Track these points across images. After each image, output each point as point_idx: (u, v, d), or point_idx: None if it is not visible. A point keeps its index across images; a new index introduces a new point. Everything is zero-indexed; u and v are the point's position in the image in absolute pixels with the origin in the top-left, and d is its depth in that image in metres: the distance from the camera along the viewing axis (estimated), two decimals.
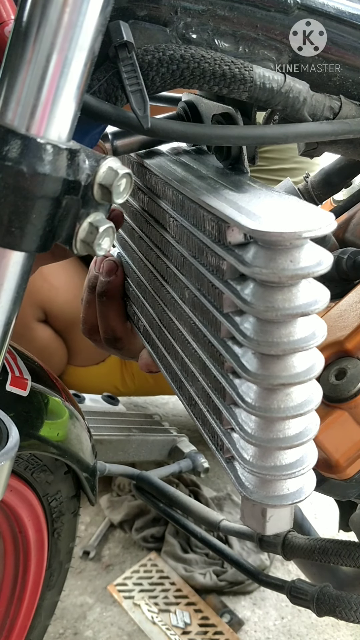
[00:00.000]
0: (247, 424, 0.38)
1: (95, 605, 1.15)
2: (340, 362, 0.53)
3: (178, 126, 0.41)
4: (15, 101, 0.31)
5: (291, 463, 0.38)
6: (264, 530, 0.40)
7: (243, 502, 0.42)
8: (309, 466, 0.38)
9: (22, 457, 0.60)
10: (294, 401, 0.36)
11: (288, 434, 0.37)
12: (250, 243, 0.35)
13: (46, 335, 1.38)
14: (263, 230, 0.32)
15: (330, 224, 0.32)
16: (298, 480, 0.39)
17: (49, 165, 0.31)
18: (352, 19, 0.44)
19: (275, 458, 0.38)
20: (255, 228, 0.32)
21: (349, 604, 0.67)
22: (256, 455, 0.38)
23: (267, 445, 0.37)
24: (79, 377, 1.47)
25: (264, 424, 0.37)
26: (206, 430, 0.47)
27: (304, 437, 0.37)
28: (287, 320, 0.35)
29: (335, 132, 0.44)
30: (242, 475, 0.41)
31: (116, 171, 0.34)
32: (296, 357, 0.36)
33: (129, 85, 0.39)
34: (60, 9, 0.30)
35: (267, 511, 0.40)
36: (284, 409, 0.36)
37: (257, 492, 0.39)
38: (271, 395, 0.36)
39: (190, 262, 0.44)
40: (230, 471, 0.42)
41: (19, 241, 0.32)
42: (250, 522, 0.41)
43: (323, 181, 0.66)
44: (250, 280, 0.36)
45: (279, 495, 0.38)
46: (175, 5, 0.41)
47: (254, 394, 0.37)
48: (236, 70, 0.41)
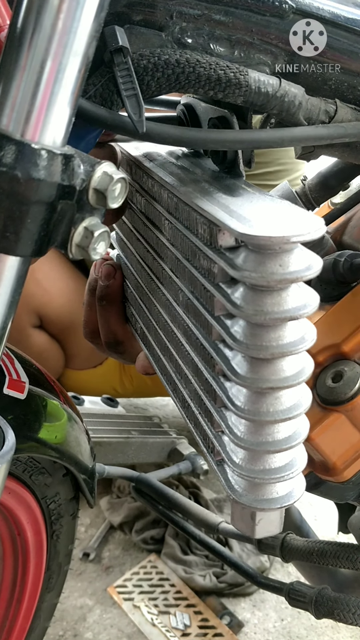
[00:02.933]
0: (237, 427, 0.38)
1: (95, 607, 1.16)
2: (337, 364, 0.53)
3: (173, 130, 0.41)
4: (10, 107, 0.31)
5: (280, 467, 0.38)
6: (254, 533, 0.40)
7: (233, 505, 0.42)
8: (299, 470, 0.38)
9: (21, 460, 0.60)
10: (283, 405, 0.36)
11: (277, 437, 0.37)
12: (240, 247, 0.36)
13: (42, 341, 1.38)
14: (252, 234, 0.32)
15: (319, 229, 0.32)
16: (287, 483, 0.39)
17: (44, 170, 0.32)
18: (347, 22, 0.44)
19: (264, 461, 0.38)
20: (244, 232, 0.32)
21: (347, 606, 0.67)
22: (246, 459, 0.38)
23: (257, 448, 0.37)
24: (77, 381, 1.48)
25: (253, 427, 0.37)
26: (198, 433, 0.47)
27: (294, 441, 0.37)
28: (276, 324, 0.35)
29: (331, 136, 0.44)
30: (231, 478, 0.41)
31: (111, 176, 0.34)
32: (286, 361, 0.36)
33: (124, 89, 0.39)
34: (55, 15, 0.30)
35: (257, 514, 0.40)
36: (273, 413, 0.36)
37: (246, 495, 0.39)
38: (261, 398, 0.36)
39: (184, 265, 0.44)
40: (220, 474, 0.42)
41: (14, 246, 0.33)
42: (240, 525, 0.41)
43: (320, 184, 0.66)
44: (240, 283, 0.36)
45: (268, 498, 0.38)
46: (170, 10, 0.41)
47: (244, 397, 0.37)
48: (231, 75, 0.41)
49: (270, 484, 0.39)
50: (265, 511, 0.40)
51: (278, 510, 0.40)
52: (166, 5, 0.41)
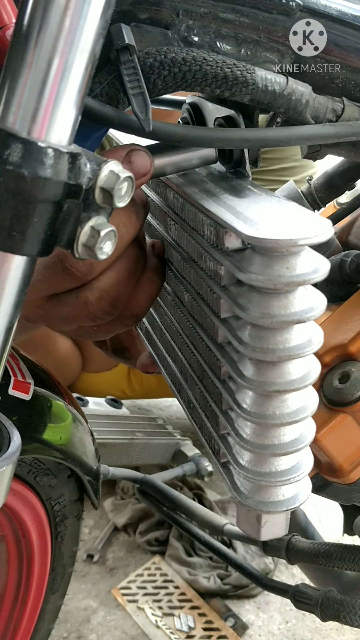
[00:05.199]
0: (243, 429, 0.38)
1: (99, 608, 1.15)
2: (343, 365, 0.53)
3: (180, 129, 0.40)
4: (16, 105, 0.31)
5: (286, 469, 0.38)
6: (259, 535, 0.40)
7: (238, 507, 0.42)
8: (305, 472, 0.38)
9: (25, 461, 0.60)
10: (289, 408, 0.36)
11: (283, 440, 0.37)
12: (247, 249, 0.35)
13: (67, 346, 1.43)
14: (259, 237, 0.32)
15: (327, 232, 0.32)
16: (293, 486, 0.39)
17: (50, 169, 0.31)
18: (354, 20, 0.43)
19: (270, 464, 0.37)
20: (251, 235, 0.32)
21: (353, 609, 0.66)
22: (251, 461, 0.38)
23: (263, 451, 0.37)
24: (91, 383, 1.52)
25: (259, 430, 0.37)
26: (203, 434, 0.47)
27: (300, 444, 0.37)
28: (282, 327, 0.34)
29: (338, 135, 0.44)
30: (237, 480, 0.40)
31: (117, 175, 0.33)
32: (292, 363, 0.35)
33: (130, 88, 0.39)
34: (62, 13, 0.30)
35: (262, 517, 0.40)
36: (280, 416, 0.36)
37: (252, 497, 0.38)
38: (267, 401, 0.36)
39: (190, 266, 0.44)
40: (225, 476, 0.42)
41: (20, 245, 0.32)
42: (245, 527, 0.41)
43: (326, 184, 0.65)
44: (247, 286, 0.35)
45: (273, 501, 0.38)
46: (177, 8, 0.41)
47: (250, 399, 0.37)
48: (238, 73, 0.41)
49: (276, 486, 0.38)
50: (270, 514, 0.39)
51: (284, 513, 0.39)
52: (172, 3, 0.41)
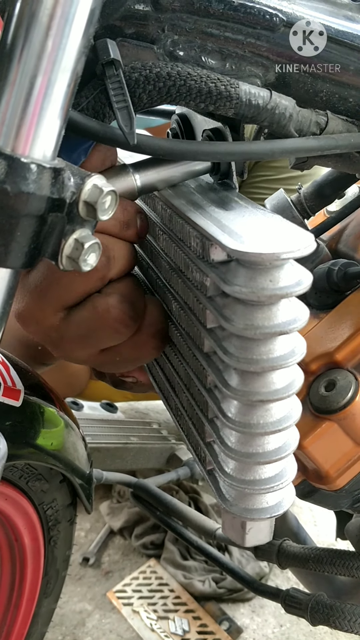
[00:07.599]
0: (228, 437, 0.38)
1: (95, 611, 1.16)
2: (330, 373, 0.54)
3: (165, 143, 0.41)
4: (0, 122, 0.32)
5: (270, 477, 0.38)
6: (244, 542, 0.40)
7: (223, 514, 0.42)
8: (288, 480, 0.39)
9: (17, 466, 0.61)
10: (273, 417, 0.37)
11: (267, 448, 0.37)
12: (232, 261, 0.36)
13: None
14: (243, 250, 0.32)
15: (309, 246, 0.32)
16: (277, 494, 0.39)
17: (33, 184, 0.32)
18: (337, 35, 0.44)
19: (254, 472, 0.38)
20: (235, 248, 0.33)
21: (342, 614, 0.67)
22: (236, 469, 0.38)
23: (247, 459, 0.37)
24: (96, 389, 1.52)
25: (244, 439, 0.37)
26: (190, 441, 0.48)
27: (283, 452, 0.37)
28: (266, 338, 0.35)
29: (321, 148, 0.44)
30: (222, 487, 0.41)
31: (101, 189, 0.34)
32: (276, 374, 0.36)
33: (116, 102, 0.39)
34: (44, 33, 0.31)
35: (247, 524, 0.40)
36: (264, 425, 0.36)
37: (236, 505, 0.39)
38: (251, 410, 0.37)
39: (177, 276, 0.45)
40: (211, 483, 0.42)
41: (4, 258, 0.33)
42: (230, 533, 0.42)
43: (316, 192, 0.66)
44: (232, 297, 0.36)
45: (258, 508, 0.39)
46: (162, 23, 0.42)
47: (235, 408, 0.37)
48: (222, 88, 0.41)
49: (260, 494, 0.39)
50: (255, 521, 0.40)
51: (268, 520, 0.40)
52: (158, 19, 0.41)
